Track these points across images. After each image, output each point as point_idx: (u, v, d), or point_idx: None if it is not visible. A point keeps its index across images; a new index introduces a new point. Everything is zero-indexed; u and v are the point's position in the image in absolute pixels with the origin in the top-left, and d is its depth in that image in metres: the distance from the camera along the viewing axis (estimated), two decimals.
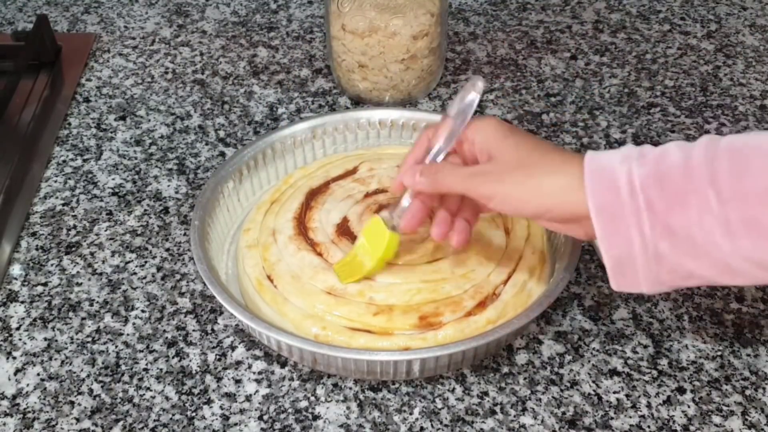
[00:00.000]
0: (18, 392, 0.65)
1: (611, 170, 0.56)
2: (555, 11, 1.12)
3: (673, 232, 0.55)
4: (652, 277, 0.57)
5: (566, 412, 0.63)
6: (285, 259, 0.70)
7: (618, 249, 0.57)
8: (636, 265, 0.57)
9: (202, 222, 0.72)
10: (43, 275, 0.75)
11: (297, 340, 0.62)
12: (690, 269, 0.56)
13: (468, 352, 0.63)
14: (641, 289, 0.58)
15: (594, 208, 0.56)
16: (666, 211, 0.54)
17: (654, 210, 0.55)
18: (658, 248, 0.55)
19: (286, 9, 1.14)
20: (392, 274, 0.67)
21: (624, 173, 0.56)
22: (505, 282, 0.68)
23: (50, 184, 0.85)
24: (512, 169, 0.60)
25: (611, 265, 0.58)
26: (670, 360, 0.67)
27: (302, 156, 0.83)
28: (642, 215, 0.55)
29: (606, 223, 0.56)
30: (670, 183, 0.54)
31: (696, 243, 0.54)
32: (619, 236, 0.56)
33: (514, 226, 0.73)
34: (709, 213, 0.53)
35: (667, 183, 0.55)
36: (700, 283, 0.57)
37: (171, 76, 1.00)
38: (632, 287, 0.58)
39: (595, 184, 0.56)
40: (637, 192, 0.55)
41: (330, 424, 0.62)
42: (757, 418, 0.62)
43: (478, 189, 0.60)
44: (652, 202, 0.55)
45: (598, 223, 0.56)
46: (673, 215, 0.54)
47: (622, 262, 0.57)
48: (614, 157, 0.57)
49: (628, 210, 0.55)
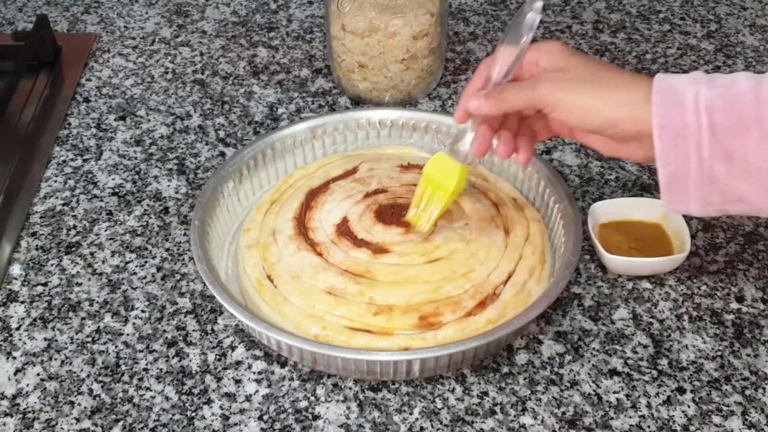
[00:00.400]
0: (18, 392, 0.65)
1: (680, 90, 0.58)
2: (555, 11, 1.12)
3: (730, 156, 0.56)
4: (703, 197, 0.59)
5: (566, 412, 0.63)
6: (285, 259, 0.70)
7: (674, 166, 0.58)
8: (688, 184, 0.59)
9: (202, 222, 0.72)
10: (43, 275, 0.75)
11: (297, 340, 0.62)
12: (741, 193, 0.58)
13: (468, 352, 0.63)
14: (689, 208, 0.60)
15: (657, 124, 0.58)
16: (727, 135, 0.56)
17: (715, 133, 0.56)
18: (713, 170, 0.57)
19: (286, 9, 1.14)
20: (392, 275, 0.67)
21: (692, 94, 0.57)
22: (505, 282, 0.68)
23: (50, 184, 0.85)
24: (583, 81, 0.61)
25: (665, 181, 0.59)
26: (670, 360, 0.67)
27: (302, 156, 0.83)
28: (703, 137, 0.57)
29: (666, 140, 0.58)
30: (736, 109, 0.56)
31: (751, 169, 0.56)
32: (677, 154, 0.58)
33: (514, 226, 0.73)
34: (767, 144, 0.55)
35: (732, 109, 0.56)
36: (748, 209, 0.59)
37: (171, 76, 1.00)
38: (681, 205, 0.60)
39: (662, 101, 0.58)
40: (702, 113, 0.57)
41: (330, 424, 0.62)
42: (757, 418, 0.62)
43: (545, 96, 0.61)
44: (714, 125, 0.56)
45: (658, 140, 0.58)
46: (733, 140, 0.56)
47: (676, 179, 0.59)
48: (684, 79, 0.58)
49: (691, 130, 0.57)
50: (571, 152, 0.88)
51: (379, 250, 0.69)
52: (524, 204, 0.76)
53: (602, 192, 0.82)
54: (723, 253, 0.76)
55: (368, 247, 0.70)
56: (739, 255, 0.76)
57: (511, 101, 0.63)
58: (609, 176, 0.84)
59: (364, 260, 0.69)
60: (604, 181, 0.84)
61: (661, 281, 0.73)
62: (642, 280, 0.73)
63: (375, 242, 0.70)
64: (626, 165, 0.86)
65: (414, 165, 0.79)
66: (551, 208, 0.76)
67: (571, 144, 0.89)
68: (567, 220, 0.72)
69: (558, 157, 0.87)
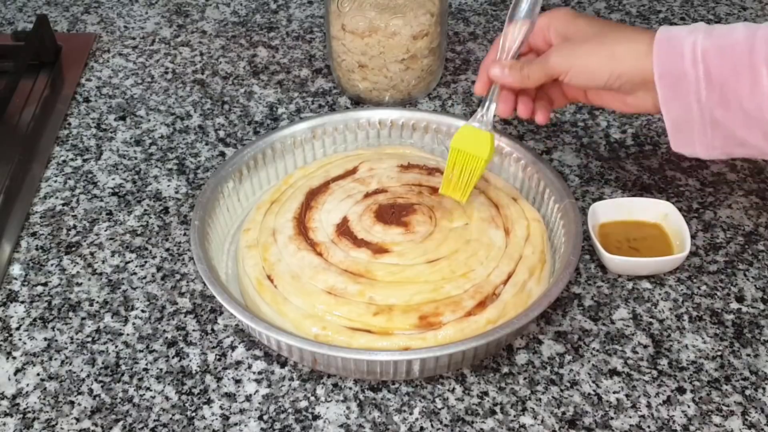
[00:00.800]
0: (18, 392, 0.65)
1: (679, 40, 0.61)
2: None
3: (727, 102, 0.59)
4: (707, 141, 0.62)
5: (566, 412, 0.63)
6: (285, 259, 0.70)
7: (677, 113, 0.62)
8: (693, 129, 0.62)
9: (202, 222, 0.72)
10: (43, 275, 0.75)
11: (297, 340, 0.62)
12: (743, 137, 0.60)
13: (468, 352, 0.63)
14: (696, 151, 0.64)
15: (658, 73, 0.61)
16: (722, 82, 0.59)
17: (711, 79, 0.59)
18: (714, 115, 0.60)
19: (286, 9, 1.14)
20: (392, 275, 0.67)
21: (690, 43, 0.60)
22: (505, 282, 0.68)
23: (50, 184, 0.85)
24: (585, 42, 0.65)
25: (670, 126, 0.63)
26: (670, 360, 0.67)
27: (302, 156, 0.83)
28: (700, 83, 0.60)
29: (668, 88, 0.61)
30: (729, 56, 0.59)
31: (748, 115, 0.59)
32: (679, 101, 0.61)
33: (514, 226, 0.73)
34: (759, 89, 0.57)
35: (726, 55, 0.59)
36: (753, 153, 0.62)
37: (171, 76, 1.00)
38: (688, 148, 0.64)
39: (662, 51, 0.61)
40: (698, 61, 0.60)
41: (330, 424, 0.62)
42: (757, 418, 0.62)
43: (555, 67, 0.66)
44: (710, 72, 0.59)
45: (660, 88, 0.61)
46: (728, 87, 0.59)
47: (680, 125, 0.62)
48: (683, 30, 0.62)
49: (689, 77, 0.60)
50: (571, 152, 0.88)
51: (379, 250, 0.69)
52: (524, 204, 0.76)
53: (602, 192, 0.82)
54: (723, 253, 0.76)
55: (368, 247, 0.70)
56: (739, 255, 0.76)
57: (533, 77, 0.68)
58: (609, 176, 0.84)
59: (364, 260, 0.69)
60: (604, 181, 0.84)
61: (661, 281, 0.73)
62: (642, 280, 0.73)
63: (375, 242, 0.70)
64: (626, 165, 0.86)
65: (414, 165, 0.79)
66: (551, 208, 0.76)
67: (571, 144, 0.89)
68: (567, 220, 0.72)
69: (558, 157, 0.87)
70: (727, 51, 0.59)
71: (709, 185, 0.83)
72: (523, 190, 0.80)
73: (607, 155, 0.87)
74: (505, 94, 0.71)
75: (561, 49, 0.67)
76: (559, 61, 0.66)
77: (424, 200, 0.74)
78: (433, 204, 0.74)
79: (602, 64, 0.64)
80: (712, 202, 0.81)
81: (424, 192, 0.75)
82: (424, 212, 0.73)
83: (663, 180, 0.84)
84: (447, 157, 0.83)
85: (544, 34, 0.69)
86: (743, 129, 0.60)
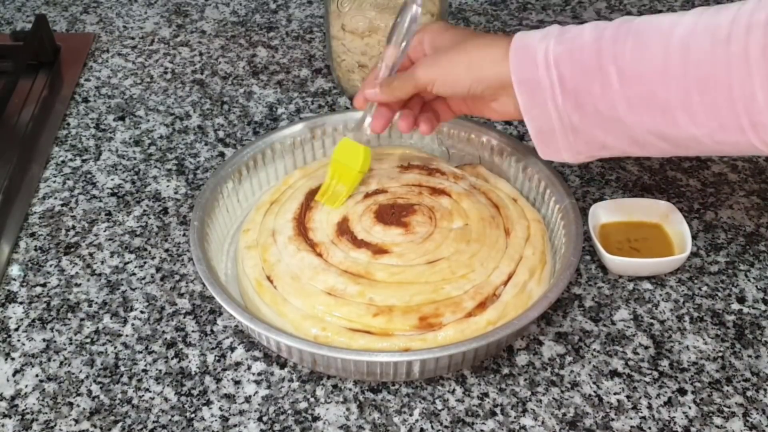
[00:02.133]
0: (17, 393, 0.65)
1: (533, 48, 0.62)
2: (555, 11, 1.12)
3: (581, 106, 0.60)
4: (570, 146, 0.64)
5: (567, 413, 0.63)
6: (284, 260, 0.70)
7: (538, 121, 0.63)
8: (555, 136, 0.63)
9: (201, 222, 0.72)
10: (42, 276, 0.75)
11: (297, 341, 0.62)
12: (602, 141, 0.62)
13: (468, 353, 0.63)
14: (563, 157, 0.65)
15: (516, 81, 0.62)
16: (574, 86, 0.60)
17: (565, 85, 0.60)
18: (572, 120, 0.61)
19: (286, 9, 1.13)
20: (392, 275, 0.67)
21: (542, 50, 0.61)
22: (506, 283, 0.68)
23: (49, 184, 0.85)
24: (446, 52, 0.67)
25: (534, 134, 0.64)
26: (671, 361, 0.67)
27: (302, 156, 0.83)
28: (555, 89, 0.61)
29: (527, 96, 0.62)
30: (579, 60, 0.60)
31: (603, 117, 0.60)
32: (538, 109, 0.62)
33: (515, 226, 0.73)
34: (610, 89, 0.59)
35: (576, 60, 0.60)
36: (615, 153, 0.64)
37: (170, 76, 1.00)
38: (555, 155, 0.66)
39: (518, 59, 0.62)
40: (552, 67, 0.61)
41: (330, 425, 0.62)
42: (758, 419, 0.62)
43: (421, 78, 0.67)
44: (563, 77, 0.60)
45: (520, 96, 0.62)
46: (580, 91, 0.60)
47: (543, 132, 0.64)
48: (537, 36, 0.63)
49: (544, 84, 0.61)
50: None
51: (378, 250, 0.69)
52: (524, 205, 0.76)
53: (603, 192, 0.82)
54: (724, 254, 0.76)
55: (368, 248, 0.69)
56: (740, 255, 0.75)
57: (401, 89, 0.69)
58: (609, 176, 0.84)
59: (363, 261, 0.68)
60: (604, 181, 0.84)
61: (662, 282, 0.73)
62: (643, 280, 0.73)
63: (375, 243, 0.70)
64: (627, 165, 0.85)
65: (414, 165, 0.79)
66: (552, 208, 0.75)
67: None
68: (567, 220, 0.72)
69: None
70: (576, 55, 0.60)
71: (710, 186, 0.83)
72: (524, 190, 0.79)
73: (497, 120, 0.87)
74: (381, 110, 0.72)
75: (426, 61, 0.68)
76: (424, 72, 0.67)
77: (424, 201, 0.74)
78: (433, 204, 0.73)
79: (462, 71, 0.65)
80: (713, 202, 0.81)
81: (424, 192, 0.75)
82: (424, 213, 0.72)
83: (664, 180, 0.83)
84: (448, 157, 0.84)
85: (421, 48, 0.71)
86: (601, 132, 0.61)
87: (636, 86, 0.58)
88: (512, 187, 0.79)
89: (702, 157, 0.87)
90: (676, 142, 0.60)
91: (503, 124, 0.90)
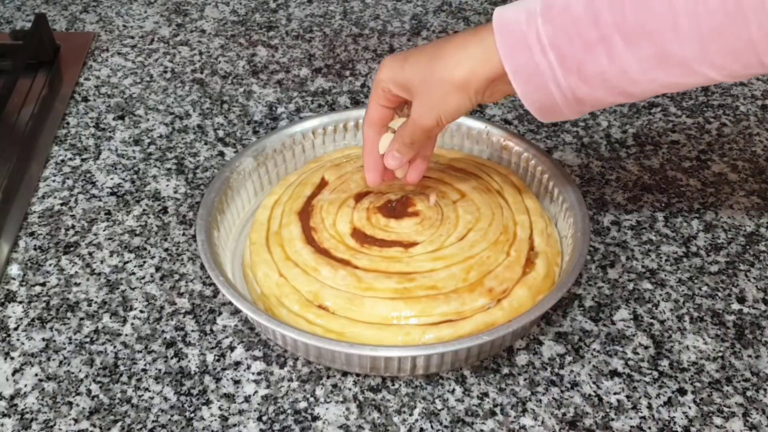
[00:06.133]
0: (16, 393, 0.65)
1: (520, 33, 0.59)
2: None
3: (587, 79, 0.58)
4: (575, 112, 0.62)
5: (567, 413, 0.63)
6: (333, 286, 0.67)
7: (540, 103, 0.61)
8: (559, 109, 0.61)
9: (206, 222, 0.71)
10: (41, 275, 0.75)
11: (299, 334, 0.62)
12: (609, 101, 0.61)
13: (473, 349, 0.63)
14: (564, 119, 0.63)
15: (510, 71, 0.60)
16: (578, 63, 0.58)
17: (566, 64, 0.58)
18: (577, 93, 0.60)
19: (286, 8, 1.13)
20: (436, 261, 0.68)
21: (533, 33, 0.58)
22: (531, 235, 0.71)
23: (48, 183, 0.84)
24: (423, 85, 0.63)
25: (535, 109, 0.62)
26: (670, 361, 0.66)
27: (302, 156, 0.83)
28: (556, 71, 0.59)
29: (524, 82, 0.60)
30: (577, 35, 0.57)
31: (611, 84, 0.58)
32: (539, 93, 0.60)
33: (502, 185, 0.75)
34: (619, 57, 0.57)
35: (573, 36, 0.57)
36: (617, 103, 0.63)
37: (170, 76, 1.00)
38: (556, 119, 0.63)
39: (507, 48, 0.59)
40: (548, 50, 0.58)
41: (329, 425, 0.62)
42: (758, 419, 0.62)
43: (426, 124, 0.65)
44: (563, 57, 0.58)
45: (516, 84, 0.60)
46: (585, 66, 0.58)
47: (545, 109, 0.62)
48: (520, 18, 0.59)
49: (543, 68, 0.59)
50: (572, 152, 0.87)
51: (407, 244, 0.69)
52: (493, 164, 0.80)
53: (603, 192, 0.82)
54: (724, 254, 0.76)
55: (397, 245, 0.69)
56: (741, 255, 0.75)
57: (418, 141, 0.67)
58: (610, 176, 0.84)
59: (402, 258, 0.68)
60: (604, 181, 0.84)
61: (662, 282, 0.73)
62: (643, 280, 0.73)
63: (399, 239, 0.69)
64: (627, 165, 0.85)
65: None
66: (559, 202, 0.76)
67: (571, 144, 0.88)
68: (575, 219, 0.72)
69: (559, 156, 0.87)
70: (571, 31, 0.57)
71: (711, 185, 0.83)
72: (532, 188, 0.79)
73: (607, 155, 0.87)
74: (373, 163, 0.71)
75: (415, 104, 0.64)
76: (423, 115, 0.64)
77: (407, 189, 0.74)
78: (417, 190, 0.74)
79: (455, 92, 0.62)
80: (713, 202, 0.81)
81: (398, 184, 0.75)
82: (420, 199, 0.73)
83: (664, 180, 0.83)
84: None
85: (385, 94, 0.67)
86: (610, 97, 0.60)
87: (646, 48, 0.56)
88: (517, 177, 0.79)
89: (702, 157, 0.87)
90: (693, 86, 0.59)
91: (504, 124, 0.90)
